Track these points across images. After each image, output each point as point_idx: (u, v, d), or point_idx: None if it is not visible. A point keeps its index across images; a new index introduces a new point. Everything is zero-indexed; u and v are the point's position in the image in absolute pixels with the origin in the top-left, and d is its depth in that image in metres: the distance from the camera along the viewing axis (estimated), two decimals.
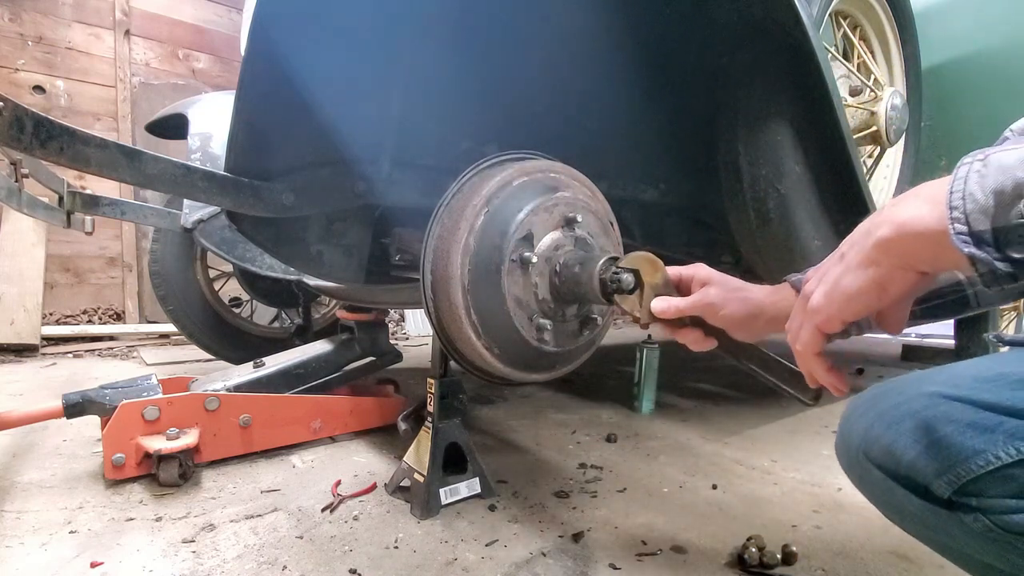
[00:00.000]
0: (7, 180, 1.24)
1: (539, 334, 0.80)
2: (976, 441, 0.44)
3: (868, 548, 0.94)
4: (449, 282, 0.78)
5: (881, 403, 0.53)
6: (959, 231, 0.38)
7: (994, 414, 0.45)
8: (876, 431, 0.51)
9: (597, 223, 0.84)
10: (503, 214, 0.78)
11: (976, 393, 0.47)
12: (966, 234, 0.38)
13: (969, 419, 0.46)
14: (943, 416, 0.47)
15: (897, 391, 0.53)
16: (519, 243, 0.77)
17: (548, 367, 0.88)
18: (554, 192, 0.81)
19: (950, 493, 0.45)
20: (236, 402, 1.26)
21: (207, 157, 1.48)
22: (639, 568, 0.86)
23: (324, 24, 0.92)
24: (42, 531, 0.93)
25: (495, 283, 0.77)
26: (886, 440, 0.50)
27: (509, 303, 0.77)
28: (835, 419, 1.73)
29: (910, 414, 0.49)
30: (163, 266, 1.92)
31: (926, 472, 0.47)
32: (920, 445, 0.47)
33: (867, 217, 0.48)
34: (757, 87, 1.07)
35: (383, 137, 1.11)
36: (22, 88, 2.97)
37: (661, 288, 0.69)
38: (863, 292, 0.46)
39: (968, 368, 0.52)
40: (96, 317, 3.18)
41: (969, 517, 0.45)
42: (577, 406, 1.82)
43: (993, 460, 0.43)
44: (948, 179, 0.40)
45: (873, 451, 0.51)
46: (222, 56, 3.66)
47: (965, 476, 0.44)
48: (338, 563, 0.85)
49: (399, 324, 3.67)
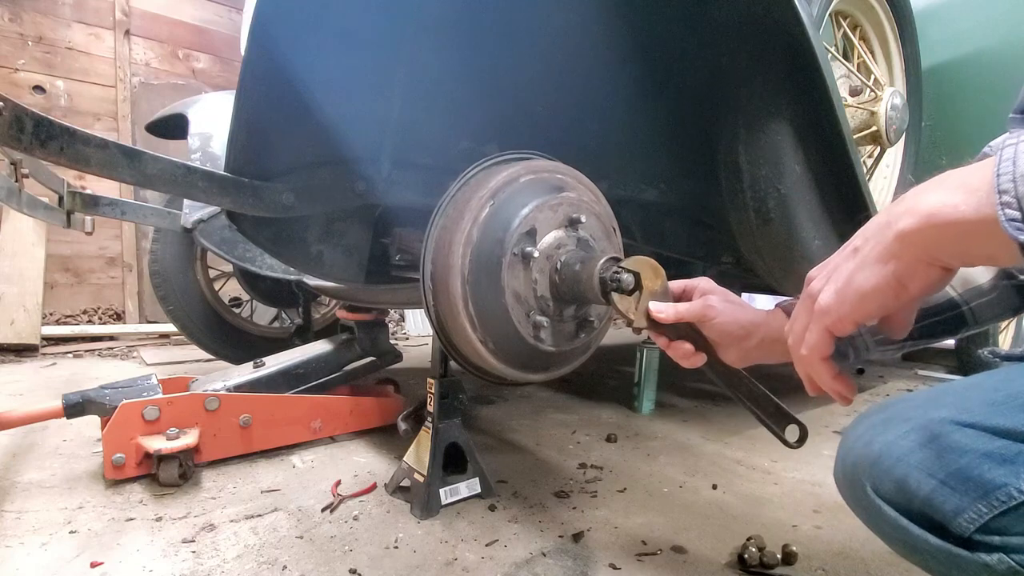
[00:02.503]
0: (7, 180, 1.24)
1: (535, 331, 0.80)
2: (996, 474, 0.41)
3: (868, 548, 0.94)
4: (449, 272, 0.78)
5: (887, 432, 0.49)
6: (1011, 217, 0.34)
7: (1012, 442, 0.42)
8: (885, 464, 0.47)
9: (600, 226, 0.84)
10: (508, 208, 0.78)
11: (989, 418, 0.44)
12: (1020, 220, 0.33)
13: (985, 448, 0.43)
14: (957, 446, 0.44)
15: (903, 417, 0.49)
16: (522, 237, 0.77)
17: (544, 367, 0.87)
18: (559, 192, 0.81)
19: (971, 532, 0.42)
20: (236, 402, 1.26)
21: (207, 157, 1.48)
22: (639, 568, 0.86)
23: (324, 24, 0.92)
24: (42, 531, 0.93)
25: (495, 276, 0.76)
26: (897, 474, 0.46)
27: (507, 297, 0.76)
28: (835, 419, 1.73)
29: (921, 444, 0.46)
30: (163, 266, 1.92)
31: (943, 509, 0.43)
32: (935, 480, 0.44)
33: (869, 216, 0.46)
34: (757, 87, 1.07)
35: (383, 137, 1.11)
36: (22, 88, 2.97)
37: (659, 295, 0.68)
38: (880, 289, 0.42)
39: (974, 388, 0.50)
40: (96, 317, 3.18)
41: (992, 557, 0.41)
42: (577, 406, 1.82)
43: (1016, 495, 0.40)
44: (987, 163, 0.36)
45: (883, 486, 0.47)
46: (222, 56, 3.66)
47: (987, 513, 0.41)
48: (338, 563, 0.85)
49: (399, 324, 3.67)
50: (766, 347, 0.64)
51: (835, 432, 1.61)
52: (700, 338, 0.67)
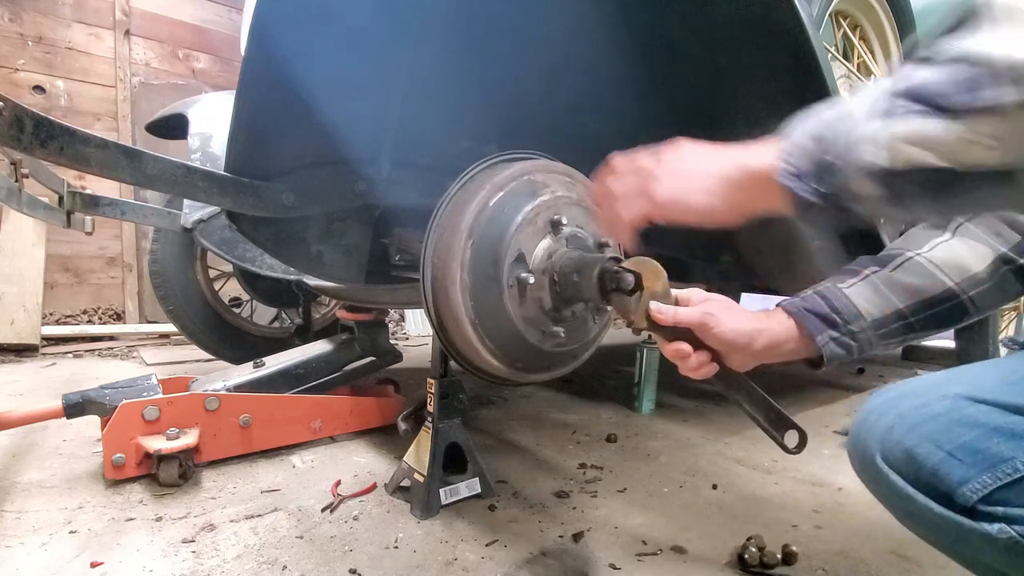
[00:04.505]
0: (7, 180, 1.24)
1: (535, 332, 0.80)
2: (1003, 447, 0.42)
3: (869, 548, 0.94)
4: (449, 273, 0.78)
5: (901, 405, 0.51)
6: (790, 169, 0.46)
7: (1022, 418, 0.43)
8: (896, 434, 0.49)
9: (582, 212, 0.84)
10: (491, 237, 0.78)
11: (1002, 395, 0.45)
12: (790, 173, 0.46)
13: (995, 423, 0.44)
14: (968, 420, 0.45)
15: (918, 393, 0.51)
16: (512, 266, 0.78)
17: (545, 367, 0.88)
18: (533, 198, 0.80)
19: (974, 502, 0.43)
20: (236, 402, 1.25)
21: (207, 157, 1.48)
22: (639, 568, 0.86)
23: (324, 24, 0.92)
24: (42, 531, 0.93)
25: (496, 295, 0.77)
26: (907, 444, 0.48)
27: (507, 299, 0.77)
28: (835, 419, 1.73)
29: (932, 417, 0.47)
30: (163, 266, 1.92)
31: (949, 479, 0.45)
32: (943, 451, 0.45)
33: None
34: (757, 86, 1.07)
35: (383, 137, 1.11)
36: (22, 88, 2.96)
37: (661, 296, 0.68)
38: (701, 210, 0.53)
39: (990, 368, 0.51)
40: (96, 317, 3.18)
41: (994, 527, 0.43)
42: (577, 406, 1.82)
43: (1022, 468, 0.41)
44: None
45: (892, 455, 0.50)
46: (222, 56, 3.66)
47: (991, 484, 0.42)
48: (338, 563, 0.85)
49: (399, 324, 3.67)
50: (769, 349, 0.64)
51: (835, 432, 1.61)
52: (700, 343, 0.67)
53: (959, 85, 0.36)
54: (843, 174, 0.43)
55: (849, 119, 0.43)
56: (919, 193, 0.40)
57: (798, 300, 0.65)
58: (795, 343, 0.64)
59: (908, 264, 0.62)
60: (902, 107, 0.39)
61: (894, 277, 0.62)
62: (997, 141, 0.35)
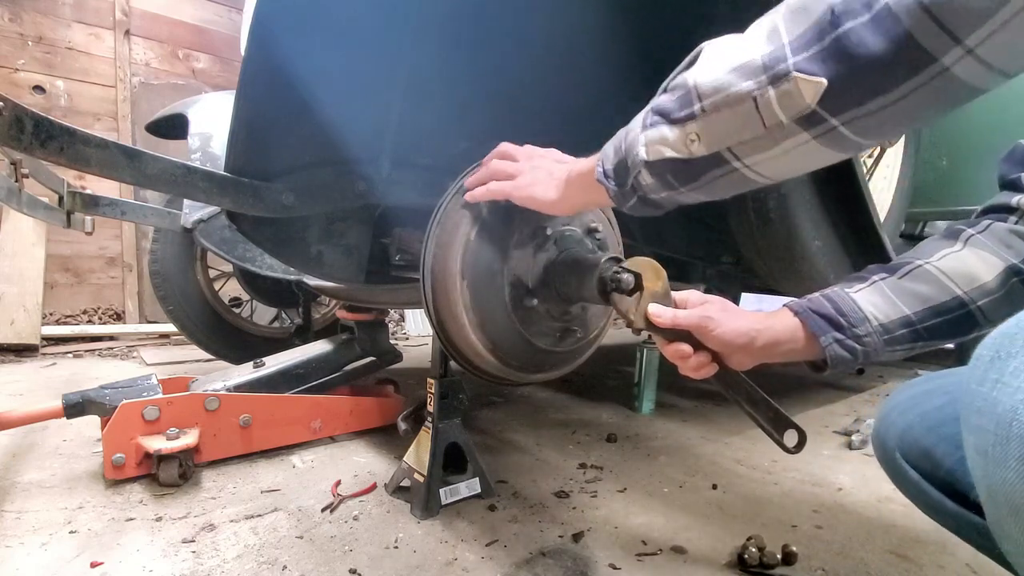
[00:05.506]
0: (7, 180, 1.24)
1: (535, 332, 0.80)
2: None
3: (868, 548, 0.94)
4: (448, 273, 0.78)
5: (924, 404, 0.54)
6: (601, 169, 0.61)
7: None
8: (915, 433, 0.53)
9: None
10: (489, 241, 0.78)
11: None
12: (602, 172, 0.61)
13: None
14: None
15: (941, 391, 0.54)
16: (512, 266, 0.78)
17: (548, 367, 0.88)
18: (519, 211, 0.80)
19: None
20: (236, 402, 1.26)
21: (207, 157, 1.48)
22: (639, 568, 0.86)
23: (324, 24, 0.92)
24: (42, 531, 0.93)
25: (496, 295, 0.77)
26: (925, 444, 0.51)
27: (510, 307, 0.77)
28: (835, 419, 1.73)
29: (952, 418, 0.49)
30: (163, 266, 1.92)
31: (965, 481, 0.47)
32: (961, 452, 0.46)
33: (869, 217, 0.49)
34: None
35: (383, 137, 1.11)
36: (22, 88, 2.97)
37: (661, 296, 0.68)
38: (542, 201, 0.70)
39: None
40: (96, 317, 3.18)
41: None
42: (577, 406, 1.82)
43: None
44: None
45: (911, 453, 0.53)
46: (222, 56, 3.66)
47: None
48: (338, 563, 0.85)
49: (399, 324, 3.67)
50: (771, 347, 0.64)
51: (835, 432, 1.61)
52: (699, 344, 0.67)
53: (677, 103, 0.52)
54: (633, 169, 0.57)
55: (632, 130, 0.57)
56: (676, 178, 0.55)
57: (804, 301, 0.65)
58: (798, 343, 0.64)
59: (917, 272, 0.62)
60: (652, 120, 0.55)
61: (902, 284, 0.62)
62: (699, 136, 0.51)
